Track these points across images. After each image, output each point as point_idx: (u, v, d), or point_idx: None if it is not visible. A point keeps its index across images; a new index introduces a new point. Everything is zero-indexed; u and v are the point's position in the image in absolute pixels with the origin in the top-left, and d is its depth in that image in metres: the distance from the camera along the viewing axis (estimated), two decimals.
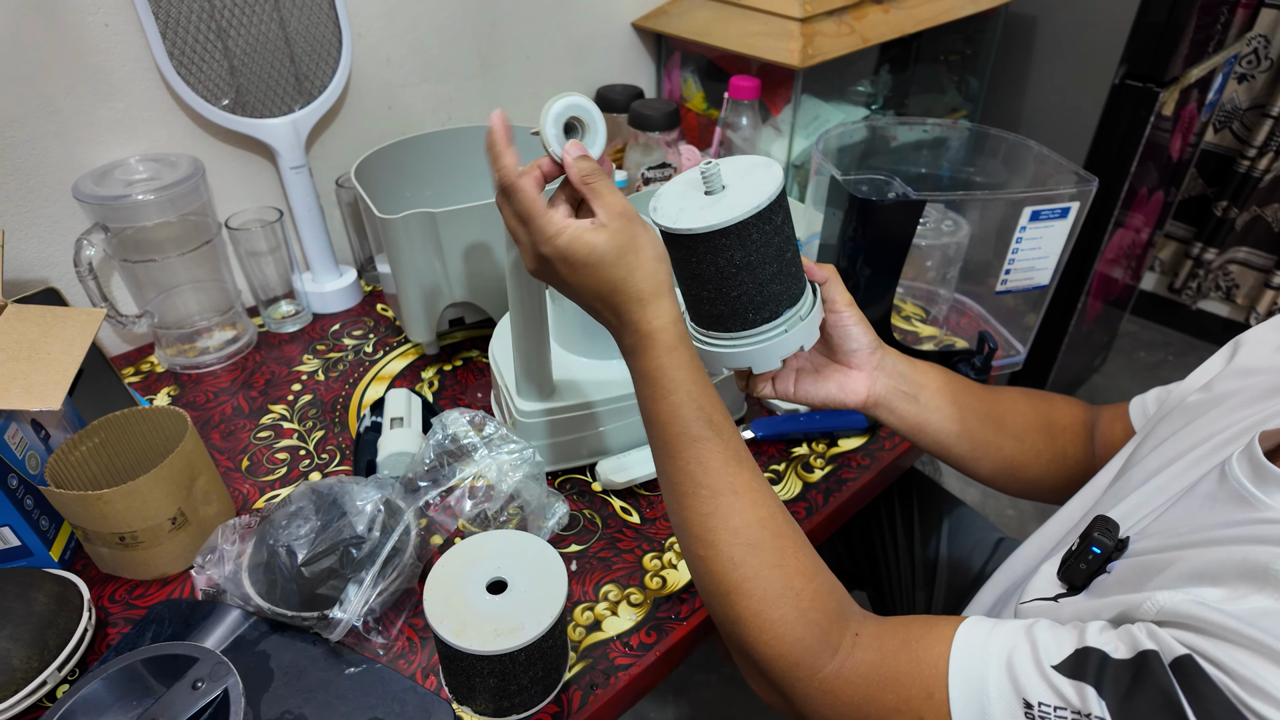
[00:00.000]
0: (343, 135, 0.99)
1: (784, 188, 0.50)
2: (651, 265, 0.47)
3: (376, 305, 0.99)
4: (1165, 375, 2.07)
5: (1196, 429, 0.47)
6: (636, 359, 0.49)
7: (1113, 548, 0.41)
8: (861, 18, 1.11)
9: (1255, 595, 0.32)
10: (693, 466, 0.47)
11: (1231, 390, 0.48)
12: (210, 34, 0.81)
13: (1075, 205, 0.77)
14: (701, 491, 0.47)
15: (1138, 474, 0.48)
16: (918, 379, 0.60)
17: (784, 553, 0.46)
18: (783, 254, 0.51)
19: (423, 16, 0.98)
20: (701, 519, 0.47)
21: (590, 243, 0.47)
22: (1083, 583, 0.42)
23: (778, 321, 0.53)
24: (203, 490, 0.65)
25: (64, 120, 0.78)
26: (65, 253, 0.83)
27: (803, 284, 0.54)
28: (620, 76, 1.24)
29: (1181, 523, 0.39)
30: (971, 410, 0.60)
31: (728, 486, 0.47)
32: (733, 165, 0.53)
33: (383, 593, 0.59)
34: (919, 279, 1.00)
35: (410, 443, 0.71)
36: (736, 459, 0.47)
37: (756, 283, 0.51)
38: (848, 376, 0.59)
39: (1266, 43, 1.80)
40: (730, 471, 0.47)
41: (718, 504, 0.46)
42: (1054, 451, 0.63)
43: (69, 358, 0.61)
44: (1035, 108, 1.51)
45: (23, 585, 0.57)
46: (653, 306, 0.47)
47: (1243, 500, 0.37)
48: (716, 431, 0.47)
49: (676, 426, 0.47)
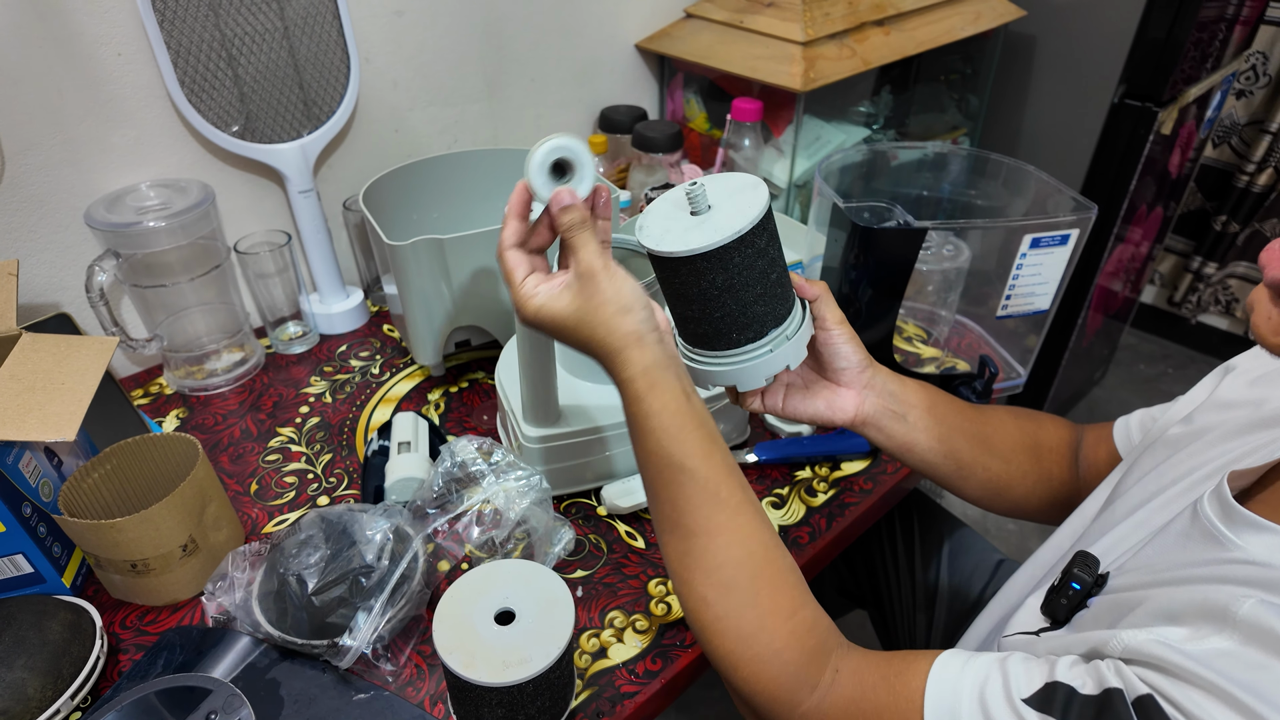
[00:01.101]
0: (350, 158, 1.00)
1: (769, 210, 0.51)
2: (614, 321, 0.49)
3: (383, 326, 1.00)
4: (1165, 388, 2.08)
5: (1176, 464, 0.48)
6: (625, 400, 0.50)
7: (1092, 583, 0.42)
8: (863, 40, 1.12)
9: (1215, 636, 0.33)
10: (668, 507, 0.49)
11: (1209, 424, 0.49)
12: (220, 62, 0.83)
13: (1075, 232, 0.78)
14: (678, 530, 0.48)
15: (1121, 507, 0.49)
16: (907, 398, 0.60)
17: (759, 593, 0.46)
18: (767, 276, 0.51)
19: (429, 40, 0.99)
20: (679, 557, 0.48)
21: (554, 310, 0.50)
22: (1064, 617, 0.43)
23: (763, 341, 0.53)
24: (213, 517, 0.65)
25: (77, 147, 0.79)
26: (76, 277, 0.83)
27: (790, 303, 0.54)
28: (624, 97, 1.25)
29: (1157, 559, 0.40)
30: (959, 430, 0.61)
31: (702, 528, 0.47)
32: (720, 184, 0.53)
33: (391, 620, 0.59)
34: (920, 301, 1.01)
35: (417, 468, 0.72)
36: (715, 499, 0.48)
37: (740, 304, 0.51)
38: (837, 394, 0.59)
39: (1265, 59, 1.81)
40: (705, 514, 0.48)
41: (692, 544, 0.48)
42: (1040, 473, 0.64)
43: (83, 387, 0.61)
44: (1035, 126, 1.52)
45: (37, 614, 0.57)
46: (621, 358, 0.49)
47: (1213, 539, 0.38)
48: (691, 475, 0.48)
49: (654, 467, 0.49)
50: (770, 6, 1.11)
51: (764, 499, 0.76)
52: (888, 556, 0.90)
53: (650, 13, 1.21)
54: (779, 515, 0.74)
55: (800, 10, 1.08)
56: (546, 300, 0.50)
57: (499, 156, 0.95)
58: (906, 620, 0.86)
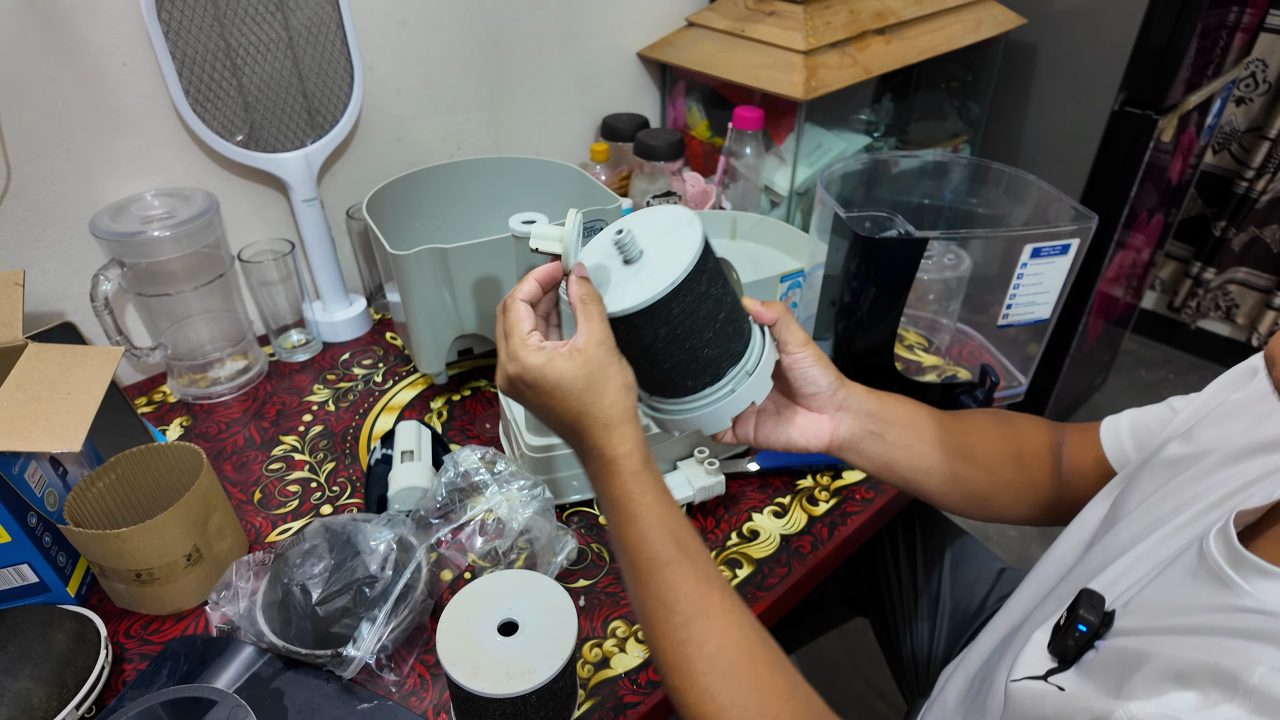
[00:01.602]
0: (354, 167, 1.00)
1: (705, 248, 0.48)
2: (618, 393, 0.48)
3: (386, 334, 1.01)
4: (1166, 394, 2.04)
5: (1178, 489, 0.47)
6: (602, 484, 0.49)
7: (1098, 624, 0.41)
8: (864, 49, 1.13)
9: (1225, 705, 0.32)
10: (665, 592, 0.46)
11: (1210, 445, 0.47)
12: (225, 72, 0.83)
13: (1075, 242, 0.79)
14: (674, 618, 0.46)
15: (1124, 534, 0.48)
16: (885, 415, 0.58)
17: (759, 676, 0.45)
18: (714, 317, 0.49)
19: (432, 49, 1.00)
20: (676, 647, 0.46)
21: (560, 369, 0.47)
22: (1072, 657, 0.42)
23: (722, 382, 0.51)
24: (217, 526, 0.66)
25: (82, 157, 0.80)
26: (81, 286, 0.84)
27: (746, 336, 0.52)
28: (625, 105, 1.25)
29: (1164, 600, 0.40)
30: (940, 445, 0.60)
31: (700, 610, 0.46)
32: (652, 223, 0.50)
33: (394, 630, 0.59)
34: (922, 309, 1.01)
35: (420, 476, 0.73)
36: (707, 580, 0.47)
37: (690, 352, 0.49)
38: (809, 419, 0.57)
39: (1264, 66, 1.82)
40: (701, 594, 0.46)
41: (691, 630, 0.46)
42: (1023, 480, 0.63)
43: (88, 397, 0.62)
44: (1036, 133, 1.52)
45: (42, 624, 0.58)
46: (618, 432, 0.47)
47: (1220, 582, 0.37)
48: (686, 553, 0.47)
49: (646, 551, 0.47)
50: (772, 15, 1.11)
51: (765, 508, 0.76)
52: (889, 564, 0.90)
53: (652, 21, 1.22)
54: (781, 524, 0.74)
55: (801, 19, 1.08)
56: (554, 358, 0.47)
57: (501, 165, 0.96)
58: (909, 629, 0.86)
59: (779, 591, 0.67)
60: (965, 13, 1.27)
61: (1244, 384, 0.52)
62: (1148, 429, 0.58)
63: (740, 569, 0.69)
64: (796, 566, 0.70)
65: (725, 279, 0.50)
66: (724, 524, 0.74)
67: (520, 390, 0.49)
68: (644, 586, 0.47)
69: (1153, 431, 0.58)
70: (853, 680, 1.41)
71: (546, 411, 0.49)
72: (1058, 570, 0.55)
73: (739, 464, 0.79)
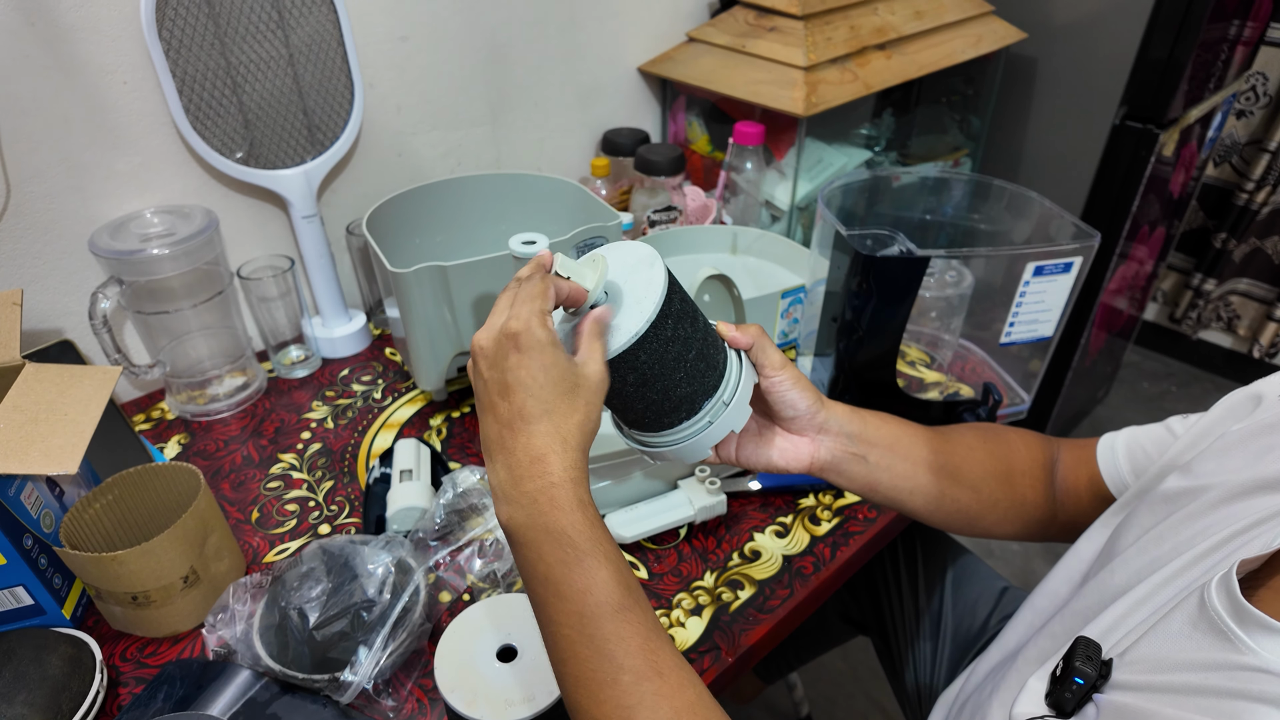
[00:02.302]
0: (354, 183, 1.00)
1: (669, 289, 0.46)
2: (587, 421, 0.44)
3: (385, 349, 1.00)
4: (1169, 406, 2.07)
5: (1175, 527, 0.45)
6: (541, 512, 0.42)
7: (1096, 676, 0.40)
8: (865, 65, 1.13)
9: None
10: (612, 645, 0.41)
11: (1210, 481, 0.46)
12: (226, 89, 0.83)
13: (1078, 260, 0.78)
14: (624, 677, 0.40)
15: (1120, 572, 0.46)
16: (868, 436, 0.57)
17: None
18: (684, 356, 0.47)
19: (433, 65, 1.00)
20: (625, 712, 0.40)
21: (559, 362, 0.43)
22: (1070, 711, 0.41)
23: (697, 416, 0.50)
24: (214, 547, 0.65)
25: (82, 175, 0.80)
26: (80, 303, 0.84)
27: (721, 369, 0.50)
28: (626, 120, 1.25)
29: (1163, 653, 0.38)
30: (925, 464, 0.59)
31: (651, 668, 0.41)
32: (619, 261, 0.49)
33: (392, 654, 0.59)
34: (924, 325, 1.01)
35: (419, 496, 0.72)
36: (656, 632, 0.42)
37: (662, 392, 0.48)
38: (789, 441, 0.56)
39: (1265, 79, 1.82)
40: (652, 648, 0.41)
41: (643, 691, 0.40)
42: (1011, 499, 0.61)
43: (86, 418, 0.61)
44: (1037, 147, 1.52)
45: (37, 648, 0.57)
46: (572, 456, 0.43)
47: (1223, 636, 0.36)
48: (635, 599, 0.42)
49: (595, 596, 0.41)
50: (772, 31, 1.12)
51: (767, 527, 0.75)
52: (891, 582, 0.90)
53: (652, 37, 1.22)
54: (783, 544, 0.73)
55: (802, 35, 1.08)
56: (559, 349, 0.44)
57: (502, 181, 0.96)
58: (911, 649, 0.86)
59: (780, 614, 0.67)
60: (966, 28, 1.27)
61: (1245, 414, 0.51)
62: (1144, 451, 0.57)
63: (742, 590, 0.69)
64: (799, 588, 0.69)
65: (695, 316, 0.49)
66: (725, 544, 0.73)
67: (502, 354, 0.43)
68: (587, 640, 0.41)
69: (1149, 454, 0.57)
70: (854, 697, 1.40)
71: (508, 391, 0.43)
72: (1052, 603, 0.54)
73: (740, 482, 0.78)
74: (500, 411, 0.44)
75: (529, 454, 0.43)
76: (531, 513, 0.42)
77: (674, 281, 0.47)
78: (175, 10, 0.77)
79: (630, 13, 1.17)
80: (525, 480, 0.43)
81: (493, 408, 0.44)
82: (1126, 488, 0.57)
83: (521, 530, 0.43)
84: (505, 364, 0.43)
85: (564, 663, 0.42)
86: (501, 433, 0.43)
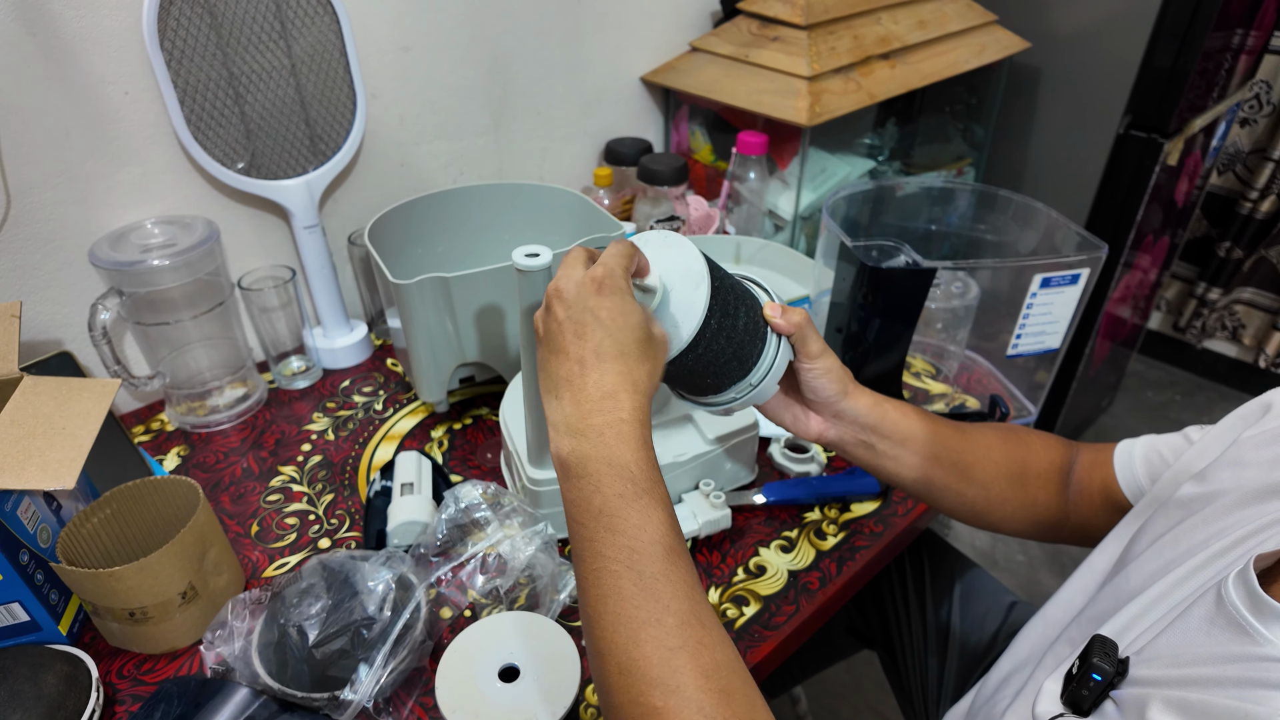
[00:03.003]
0: (356, 193, 1.00)
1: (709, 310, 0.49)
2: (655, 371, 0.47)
3: (387, 360, 1.00)
4: (1173, 416, 2.06)
5: (1191, 530, 0.46)
6: (609, 445, 0.43)
7: (1113, 673, 0.40)
8: (868, 74, 1.12)
9: None
10: (661, 585, 0.40)
11: (1225, 486, 0.47)
12: (228, 100, 0.83)
13: (1085, 271, 0.78)
14: (668, 619, 0.39)
15: (1135, 577, 0.47)
16: (883, 429, 0.58)
17: (754, 704, 0.39)
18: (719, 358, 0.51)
19: (435, 75, 1.00)
20: (667, 655, 0.38)
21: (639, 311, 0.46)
22: (1087, 708, 0.41)
23: (727, 393, 0.55)
24: (213, 562, 0.64)
25: (82, 185, 0.79)
26: (80, 315, 0.83)
27: (753, 362, 0.53)
28: (629, 129, 1.25)
29: (1181, 648, 0.38)
30: (936, 460, 0.60)
31: (696, 616, 0.40)
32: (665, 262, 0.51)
33: (393, 672, 0.58)
34: (929, 337, 1.00)
35: (420, 510, 0.71)
36: (699, 587, 0.42)
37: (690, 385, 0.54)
38: (805, 414, 0.59)
39: (1268, 88, 1.82)
40: (697, 599, 0.41)
41: (686, 636, 0.39)
42: (1022, 499, 0.62)
43: (84, 432, 0.61)
44: (1041, 156, 1.52)
45: (32, 666, 0.56)
46: (641, 398, 0.45)
47: (1241, 630, 0.36)
48: (684, 551, 0.42)
49: (650, 533, 0.41)
50: (775, 41, 1.11)
51: (773, 541, 0.74)
52: (898, 596, 0.89)
53: (655, 47, 1.22)
54: (788, 559, 0.73)
55: (805, 45, 1.08)
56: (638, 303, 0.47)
57: (504, 190, 0.95)
58: (918, 664, 0.84)
59: (786, 631, 0.66)
60: (969, 37, 1.27)
61: (1255, 420, 0.51)
62: (1161, 456, 0.58)
63: (747, 606, 0.68)
64: (805, 604, 0.68)
65: (734, 318, 0.51)
66: (730, 559, 0.72)
67: (583, 296, 0.46)
68: (636, 576, 0.40)
69: (1166, 459, 0.57)
70: (860, 711, 1.38)
71: (584, 330, 0.45)
72: (1066, 612, 0.54)
73: (745, 496, 0.78)
74: (573, 351, 0.45)
75: (601, 390, 0.44)
76: (598, 444, 0.43)
77: (717, 285, 0.50)
78: (177, 21, 0.77)
79: (633, 23, 1.17)
80: (594, 414, 0.44)
81: (564, 349, 0.46)
82: (1142, 493, 0.58)
83: (584, 462, 0.43)
84: (586, 304, 0.45)
85: (604, 599, 0.41)
86: (572, 370, 0.45)
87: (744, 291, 0.54)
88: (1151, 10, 1.30)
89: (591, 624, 0.41)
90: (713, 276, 0.50)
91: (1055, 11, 1.40)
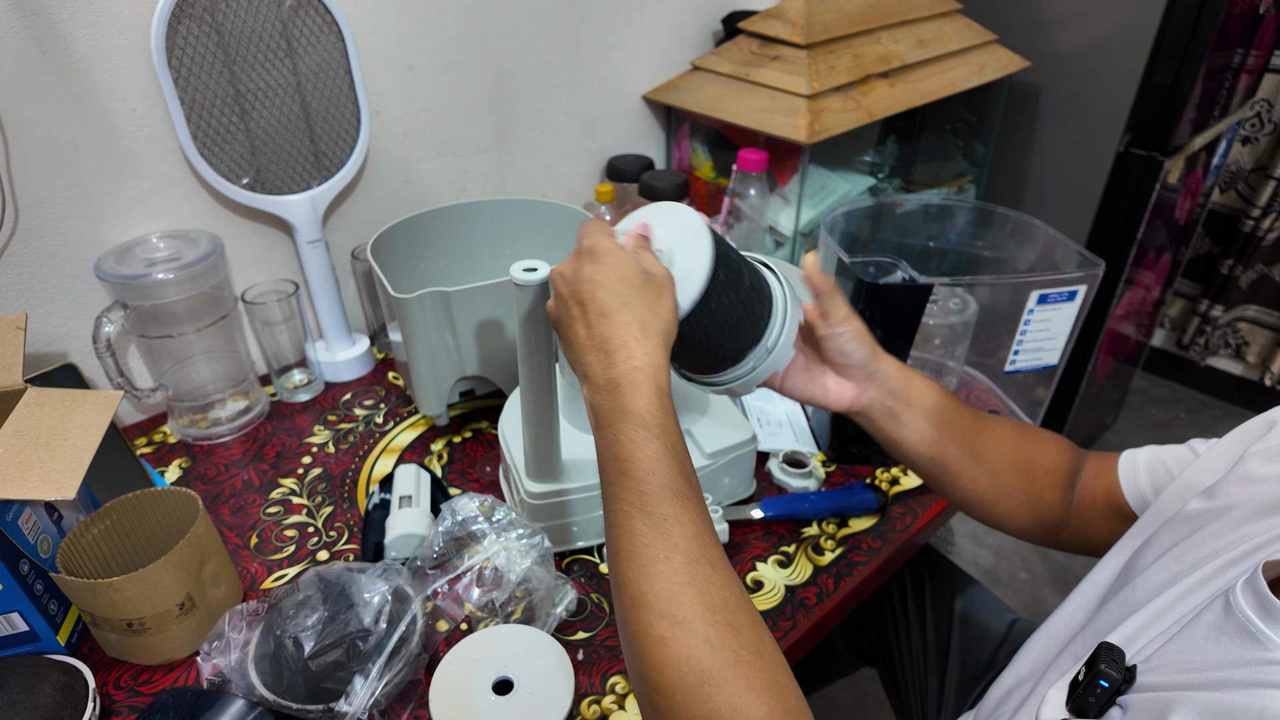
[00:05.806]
0: (359, 208, 1.01)
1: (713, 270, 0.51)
2: (667, 315, 0.49)
3: (388, 374, 1.00)
4: (1178, 433, 2.05)
5: (1198, 543, 0.46)
6: (622, 395, 0.46)
7: (1120, 680, 0.40)
8: (868, 92, 1.13)
9: None
10: (670, 525, 0.43)
11: (1233, 501, 0.47)
12: (233, 116, 0.84)
13: (1083, 288, 0.78)
14: (676, 557, 0.42)
15: (1141, 589, 0.47)
16: (909, 396, 0.60)
17: (763, 641, 0.41)
18: (727, 322, 0.53)
19: (440, 93, 1.01)
20: (674, 589, 0.41)
21: (632, 263, 0.49)
22: (1095, 715, 0.41)
23: (742, 364, 0.55)
24: (211, 574, 0.65)
25: (89, 200, 0.80)
26: (84, 327, 0.84)
27: (764, 324, 0.55)
28: (630, 146, 1.26)
29: (1189, 656, 0.38)
30: (953, 438, 0.60)
31: (704, 556, 0.42)
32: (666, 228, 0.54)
33: (388, 684, 0.58)
34: (928, 353, 1.00)
35: (418, 523, 0.71)
36: (711, 530, 0.44)
37: (704, 353, 0.54)
38: (837, 383, 0.60)
39: (1269, 106, 1.82)
40: (707, 540, 0.43)
41: (694, 573, 0.41)
42: (1028, 494, 0.63)
43: (86, 443, 0.61)
44: (1041, 174, 1.53)
45: (29, 676, 0.57)
46: (652, 344, 0.47)
47: (1250, 636, 0.36)
48: (694, 491, 0.45)
49: (659, 476, 0.44)
50: (776, 60, 1.12)
51: (770, 556, 0.74)
52: (898, 614, 0.88)
53: (657, 65, 1.23)
54: (785, 574, 0.72)
55: (805, 63, 1.09)
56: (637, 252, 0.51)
57: (507, 206, 0.96)
58: (918, 681, 0.84)
59: (783, 647, 0.66)
60: (969, 56, 1.28)
61: (1260, 435, 0.51)
62: (1165, 466, 0.58)
63: None
64: (802, 620, 0.68)
65: (738, 279, 0.53)
66: None
67: (578, 268, 0.50)
68: (646, 517, 0.43)
69: (1170, 470, 0.57)
70: None
71: (586, 296, 0.48)
72: (1069, 626, 0.54)
73: (743, 510, 0.78)
74: (581, 318, 0.49)
75: (613, 343, 0.47)
76: (614, 395, 0.46)
77: (719, 251, 0.51)
78: (185, 39, 0.78)
79: (635, 41, 1.18)
80: (611, 367, 0.47)
81: (574, 321, 0.49)
82: (1145, 502, 0.58)
83: (605, 413, 0.46)
84: (582, 274, 0.49)
85: (619, 539, 0.44)
86: (588, 332, 0.48)
87: (743, 258, 0.56)
88: (1150, 29, 1.31)
89: (611, 562, 0.45)
90: (714, 237, 0.52)
91: (1055, 31, 1.41)
